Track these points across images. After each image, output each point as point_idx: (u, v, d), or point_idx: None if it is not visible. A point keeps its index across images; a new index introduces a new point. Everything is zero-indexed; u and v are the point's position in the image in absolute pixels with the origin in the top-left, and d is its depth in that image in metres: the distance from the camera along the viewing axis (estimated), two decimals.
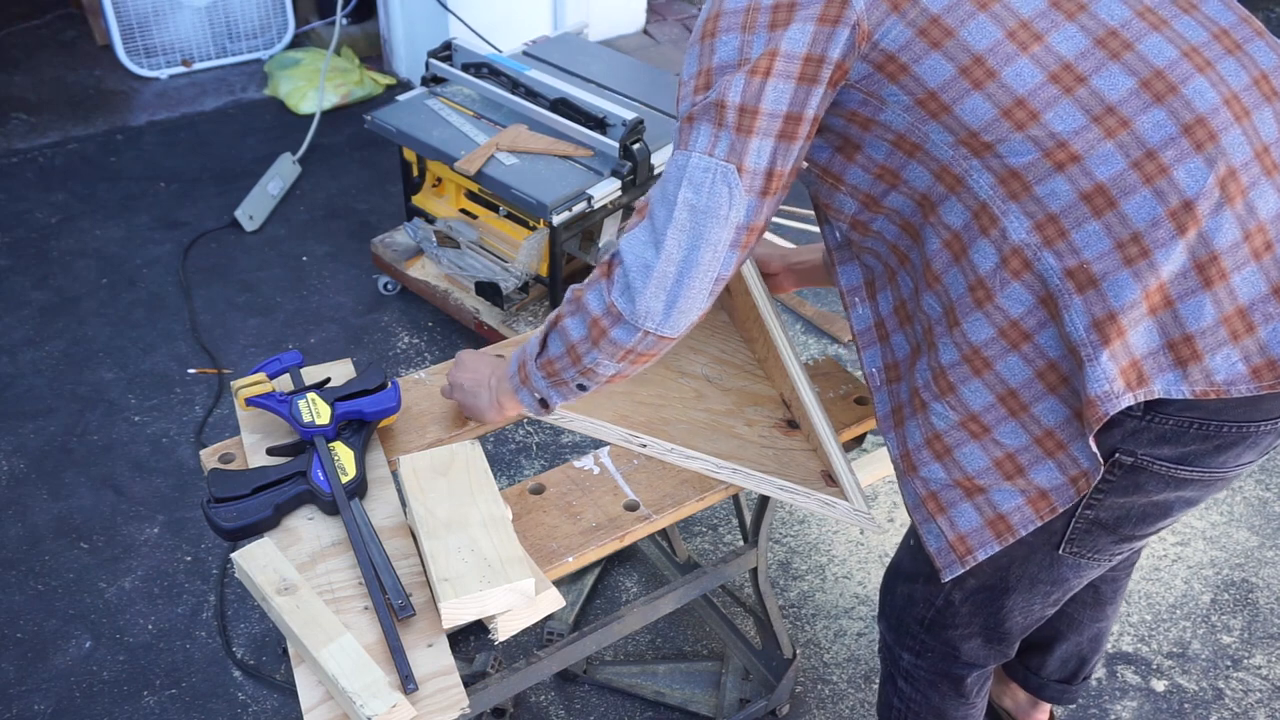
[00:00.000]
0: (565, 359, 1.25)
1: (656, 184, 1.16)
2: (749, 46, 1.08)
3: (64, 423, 2.60)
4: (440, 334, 2.92)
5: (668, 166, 1.15)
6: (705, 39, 1.12)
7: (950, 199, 1.15)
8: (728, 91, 1.09)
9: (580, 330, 1.21)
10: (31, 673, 2.05)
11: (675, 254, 1.13)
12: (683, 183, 1.12)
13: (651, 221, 1.14)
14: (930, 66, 1.08)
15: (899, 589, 1.52)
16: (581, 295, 1.21)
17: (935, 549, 1.29)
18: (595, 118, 2.56)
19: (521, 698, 2.04)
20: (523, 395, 1.34)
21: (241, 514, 1.32)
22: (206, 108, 3.91)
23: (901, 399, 1.31)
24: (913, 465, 1.29)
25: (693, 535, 2.40)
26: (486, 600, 1.22)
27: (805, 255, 1.68)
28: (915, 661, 1.55)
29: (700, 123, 1.11)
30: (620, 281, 1.15)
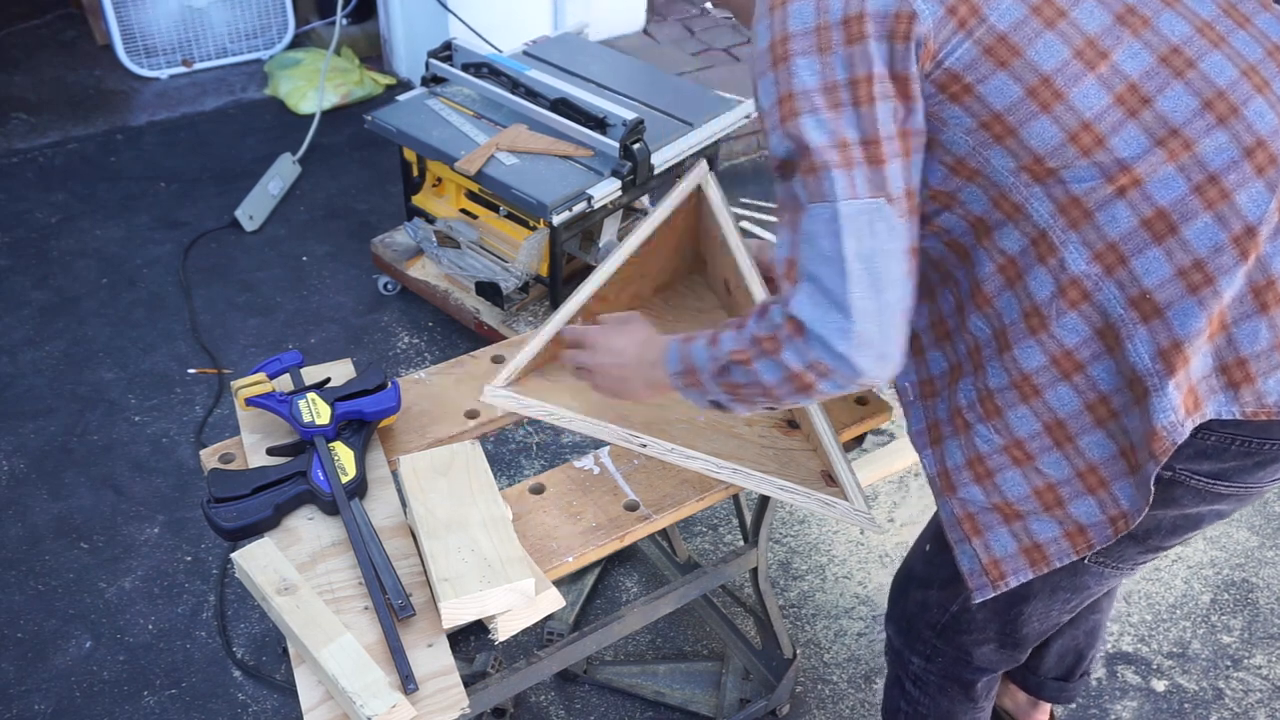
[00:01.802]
0: (753, 389, 1.19)
1: (801, 241, 1.08)
2: (831, 69, 1.04)
3: (64, 423, 2.60)
4: (440, 334, 2.92)
5: (809, 223, 1.07)
6: (779, 64, 1.06)
7: (1007, 225, 1.13)
8: (843, 128, 1.04)
9: (775, 377, 1.15)
10: (31, 673, 2.05)
11: (867, 308, 1.06)
12: (841, 235, 1.05)
13: (818, 284, 1.07)
14: (996, 87, 1.06)
15: (912, 594, 1.51)
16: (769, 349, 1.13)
17: (968, 569, 1.28)
18: (595, 118, 2.56)
19: (521, 698, 2.04)
20: (691, 395, 1.29)
21: (241, 514, 1.32)
22: (206, 108, 3.91)
23: (939, 416, 1.29)
24: (951, 485, 1.28)
25: (693, 535, 2.40)
26: (486, 600, 1.22)
27: None
28: (925, 666, 1.55)
29: (829, 169, 1.05)
30: (818, 346, 1.09)
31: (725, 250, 1.54)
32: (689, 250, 1.74)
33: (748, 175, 3.73)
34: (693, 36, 4.18)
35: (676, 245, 1.68)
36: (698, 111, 2.76)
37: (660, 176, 2.62)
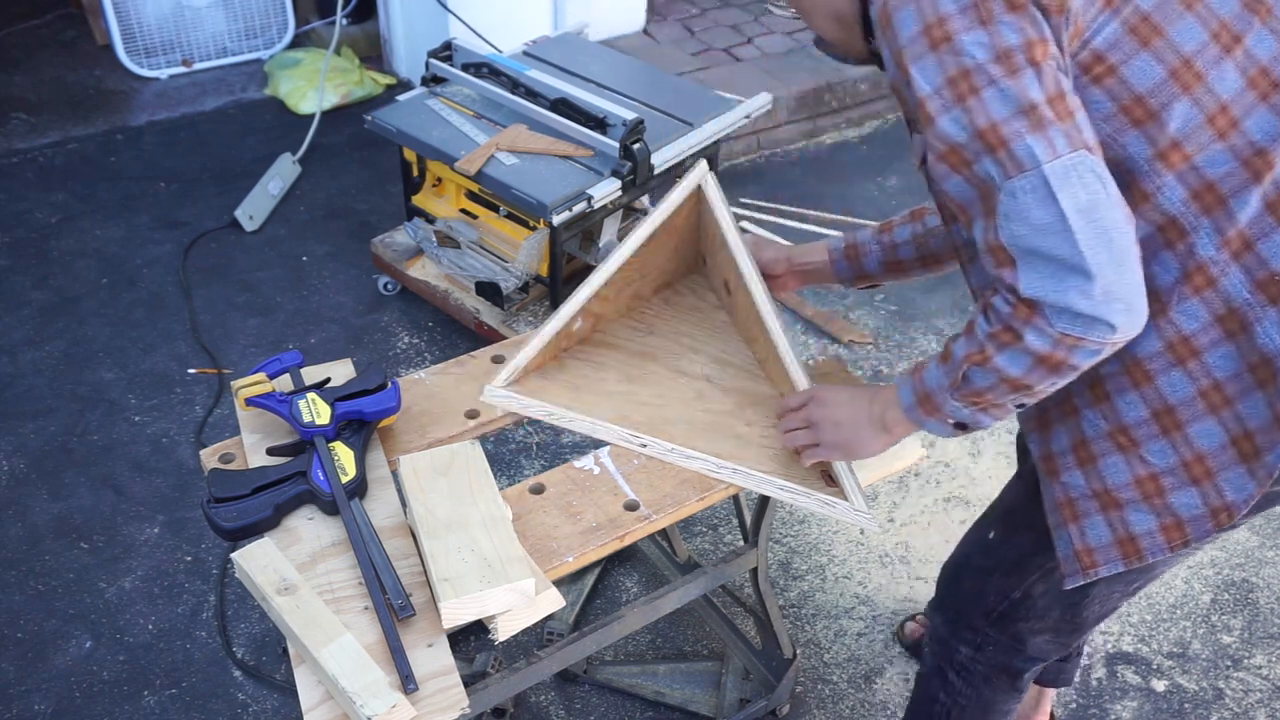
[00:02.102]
0: (1000, 389, 1.17)
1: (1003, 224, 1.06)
2: (1000, 37, 1.02)
3: (64, 423, 2.60)
4: (440, 334, 2.92)
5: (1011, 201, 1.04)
6: (940, 45, 1.04)
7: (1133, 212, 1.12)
8: (1027, 90, 1.02)
9: (1021, 367, 1.12)
10: (31, 673, 2.05)
11: (1102, 259, 1.02)
12: (1056, 197, 1.02)
13: (1041, 256, 1.04)
14: (1139, 68, 1.06)
15: (966, 581, 1.51)
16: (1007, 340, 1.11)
17: (1063, 554, 1.29)
18: (595, 118, 2.56)
19: (521, 698, 2.04)
20: (932, 424, 1.27)
21: (241, 514, 1.32)
22: (206, 108, 3.91)
23: (1047, 401, 1.28)
24: (1055, 469, 1.28)
25: (693, 535, 2.40)
26: (486, 600, 1.22)
27: (809, 255, 1.68)
28: (973, 655, 1.54)
29: (1021, 139, 1.03)
30: (1063, 317, 1.06)
31: (725, 250, 1.54)
32: (689, 250, 1.74)
33: (748, 175, 3.73)
34: (693, 36, 4.18)
35: (676, 245, 1.68)
36: (698, 111, 2.76)
37: (660, 176, 2.62)
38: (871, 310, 3.10)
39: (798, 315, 3.05)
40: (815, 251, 1.68)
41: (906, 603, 2.28)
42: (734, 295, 1.65)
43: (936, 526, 2.45)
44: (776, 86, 3.80)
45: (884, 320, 3.06)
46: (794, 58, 4.05)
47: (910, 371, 1.30)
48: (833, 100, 3.96)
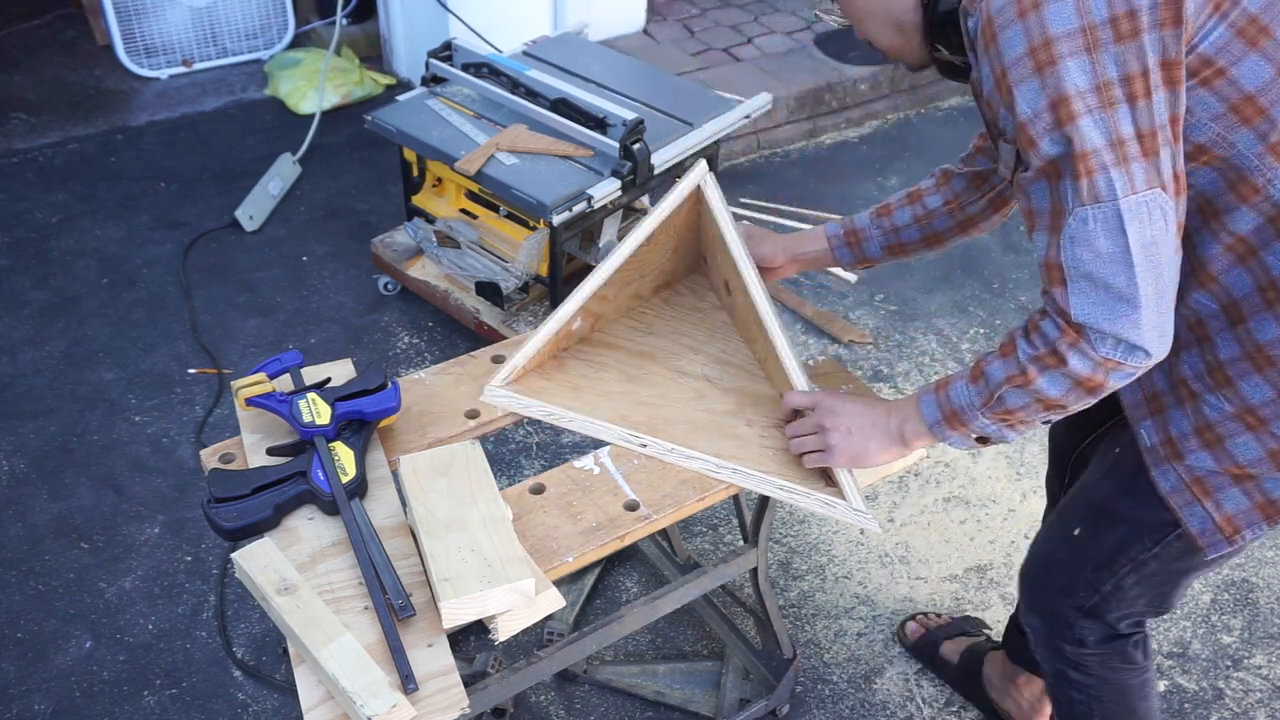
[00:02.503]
0: (1033, 408, 1.24)
1: (1066, 246, 1.13)
2: (1103, 67, 1.06)
3: (64, 423, 2.60)
4: (440, 334, 2.92)
5: (1081, 226, 1.11)
6: (1045, 69, 1.08)
7: (1241, 207, 1.17)
8: (1119, 125, 1.07)
9: (1061, 388, 1.20)
10: (31, 673, 2.05)
11: (1150, 290, 1.11)
12: (1126, 231, 1.09)
13: (1098, 283, 1.12)
14: (1249, 68, 1.10)
15: (1053, 580, 1.53)
16: (1052, 364, 1.18)
17: (1199, 530, 1.33)
18: (595, 118, 2.56)
19: (521, 698, 2.04)
20: (954, 438, 1.34)
21: (241, 514, 1.32)
22: (206, 108, 3.91)
23: (1157, 387, 1.34)
24: (1177, 453, 1.32)
25: (693, 535, 2.40)
26: (486, 600, 1.22)
27: (807, 244, 1.71)
28: (1079, 650, 1.56)
29: (1106, 171, 1.08)
30: (1107, 344, 1.14)
31: (725, 250, 1.54)
32: (689, 250, 1.74)
33: (748, 175, 3.73)
34: (693, 36, 4.18)
35: (676, 245, 1.68)
36: (698, 111, 2.76)
37: (660, 176, 2.62)
38: (871, 310, 3.10)
39: (798, 315, 3.05)
40: (813, 240, 1.71)
41: (906, 603, 2.28)
42: (734, 296, 1.65)
43: (936, 526, 2.45)
44: (776, 86, 3.80)
45: (884, 320, 3.06)
46: (794, 58, 4.05)
47: (933, 388, 1.34)
48: (833, 100, 3.96)
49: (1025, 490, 2.55)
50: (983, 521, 2.47)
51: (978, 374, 1.28)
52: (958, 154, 1.65)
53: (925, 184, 1.65)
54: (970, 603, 2.29)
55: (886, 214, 1.66)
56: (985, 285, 3.23)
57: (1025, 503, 2.52)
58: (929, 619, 2.20)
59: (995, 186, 1.59)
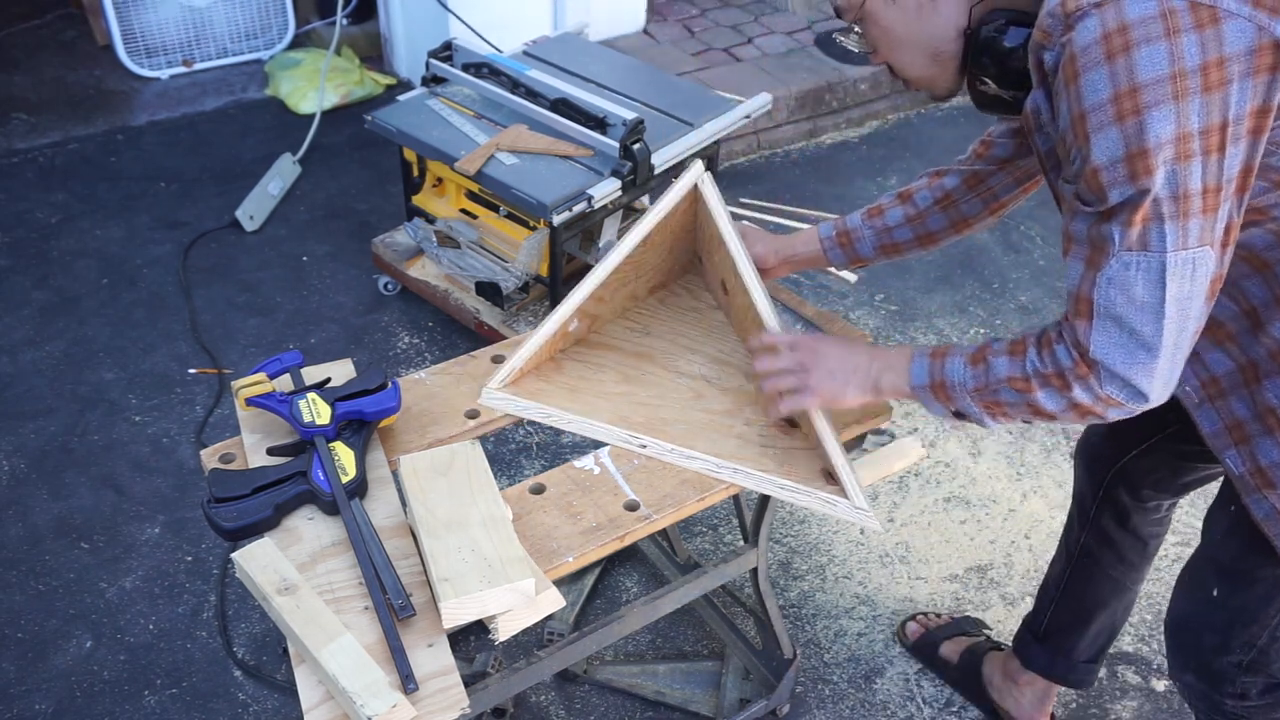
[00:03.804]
0: (1022, 410, 1.26)
1: (1101, 284, 1.13)
2: (1187, 118, 1.03)
3: (64, 423, 2.60)
4: (440, 334, 2.92)
5: (1121, 270, 1.11)
6: (1127, 118, 1.05)
7: None
8: (1189, 180, 1.06)
9: (1058, 406, 1.22)
10: (32, 672, 2.06)
11: (1171, 343, 1.13)
12: (1165, 284, 1.10)
13: (1124, 327, 1.13)
14: None
15: (1205, 642, 1.51)
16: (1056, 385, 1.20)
17: None
18: (595, 118, 2.56)
19: (521, 698, 2.04)
20: (932, 405, 1.35)
21: (242, 514, 1.32)
22: (207, 108, 3.91)
23: (1239, 416, 1.32)
24: (1269, 482, 1.31)
25: (693, 535, 2.40)
26: (486, 600, 1.22)
27: (799, 246, 1.71)
28: (1240, 703, 1.54)
29: (1162, 223, 1.08)
30: (1115, 384, 1.16)
31: (723, 250, 1.54)
32: (684, 250, 1.75)
33: (748, 175, 3.73)
34: (693, 36, 4.18)
35: (672, 245, 1.68)
36: (698, 111, 2.76)
37: (660, 176, 2.62)
38: (871, 310, 3.10)
39: (798, 315, 3.05)
40: (806, 241, 1.71)
41: (906, 603, 2.28)
42: (731, 295, 1.65)
43: (936, 526, 2.45)
44: (776, 86, 3.80)
45: (884, 320, 3.06)
46: (794, 58, 4.05)
47: (930, 354, 1.33)
48: (833, 100, 3.96)
49: (1025, 490, 2.55)
50: (983, 521, 2.47)
51: (980, 359, 1.28)
52: (957, 154, 1.65)
53: (916, 184, 1.65)
54: (970, 603, 2.29)
55: (878, 214, 1.66)
56: (985, 285, 3.23)
57: (1025, 503, 2.52)
58: (929, 619, 2.20)
59: (991, 188, 1.58)
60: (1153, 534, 1.78)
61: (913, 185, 1.65)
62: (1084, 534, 1.82)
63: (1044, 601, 1.91)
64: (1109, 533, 1.78)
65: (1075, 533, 1.84)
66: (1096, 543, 1.81)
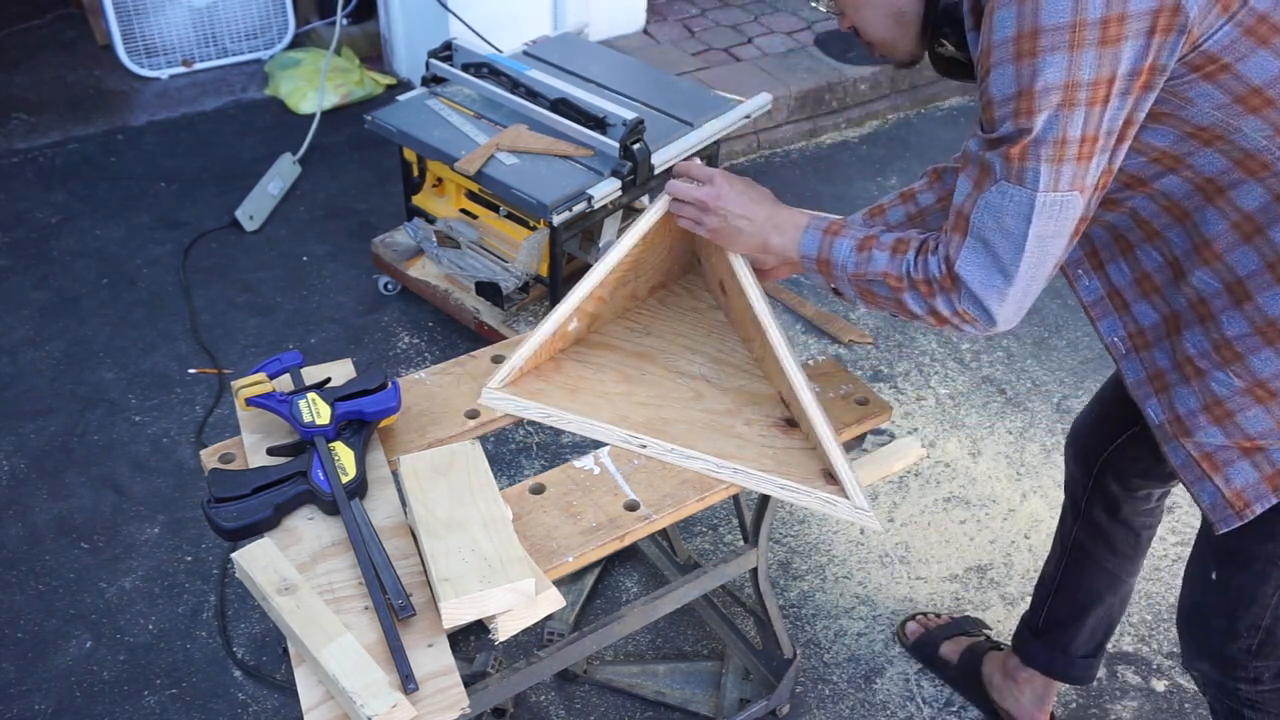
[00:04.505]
0: (891, 304, 1.33)
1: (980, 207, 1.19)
2: (1078, 67, 1.08)
3: (64, 423, 2.60)
4: (440, 334, 2.92)
5: (998, 198, 1.17)
6: (1023, 58, 1.09)
7: (1247, 183, 1.19)
8: (1069, 127, 1.10)
9: (920, 308, 1.29)
10: (32, 672, 2.06)
11: (1027, 275, 1.19)
12: (1031, 220, 1.15)
13: (990, 251, 1.19)
14: (1256, 64, 1.11)
15: (1213, 627, 1.51)
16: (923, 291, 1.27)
17: (1209, 504, 1.35)
18: (595, 118, 2.56)
19: (521, 698, 2.04)
20: (814, 276, 1.42)
21: (242, 514, 1.32)
22: (207, 108, 3.91)
23: (1160, 365, 1.37)
24: (1186, 430, 1.34)
25: (693, 535, 2.40)
26: (486, 600, 1.22)
27: None
28: (1254, 688, 1.53)
29: (1038, 162, 1.13)
30: (970, 301, 1.23)
31: (720, 250, 1.54)
32: (683, 250, 1.75)
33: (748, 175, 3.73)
34: (693, 36, 4.18)
35: (670, 245, 1.68)
36: (698, 111, 2.76)
37: (660, 176, 2.63)
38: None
39: (798, 315, 3.05)
40: None
41: (906, 603, 2.28)
42: (729, 296, 1.65)
43: (936, 526, 2.45)
44: (776, 86, 3.80)
45: (884, 320, 3.06)
46: (794, 58, 4.05)
47: (823, 228, 1.40)
48: (833, 100, 3.96)
49: (1025, 490, 2.55)
50: (983, 521, 2.47)
51: (865, 248, 1.33)
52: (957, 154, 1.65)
53: (917, 184, 1.66)
54: (970, 603, 2.29)
55: (879, 214, 1.67)
56: None
57: (1025, 503, 2.52)
58: (929, 619, 2.20)
59: None
60: (1144, 525, 1.79)
61: (914, 185, 1.66)
62: (1076, 527, 1.83)
63: (1040, 597, 1.92)
64: (1101, 524, 1.79)
65: (1068, 526, 1.85)
66: (1089, 535, 1.82)
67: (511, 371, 1.56)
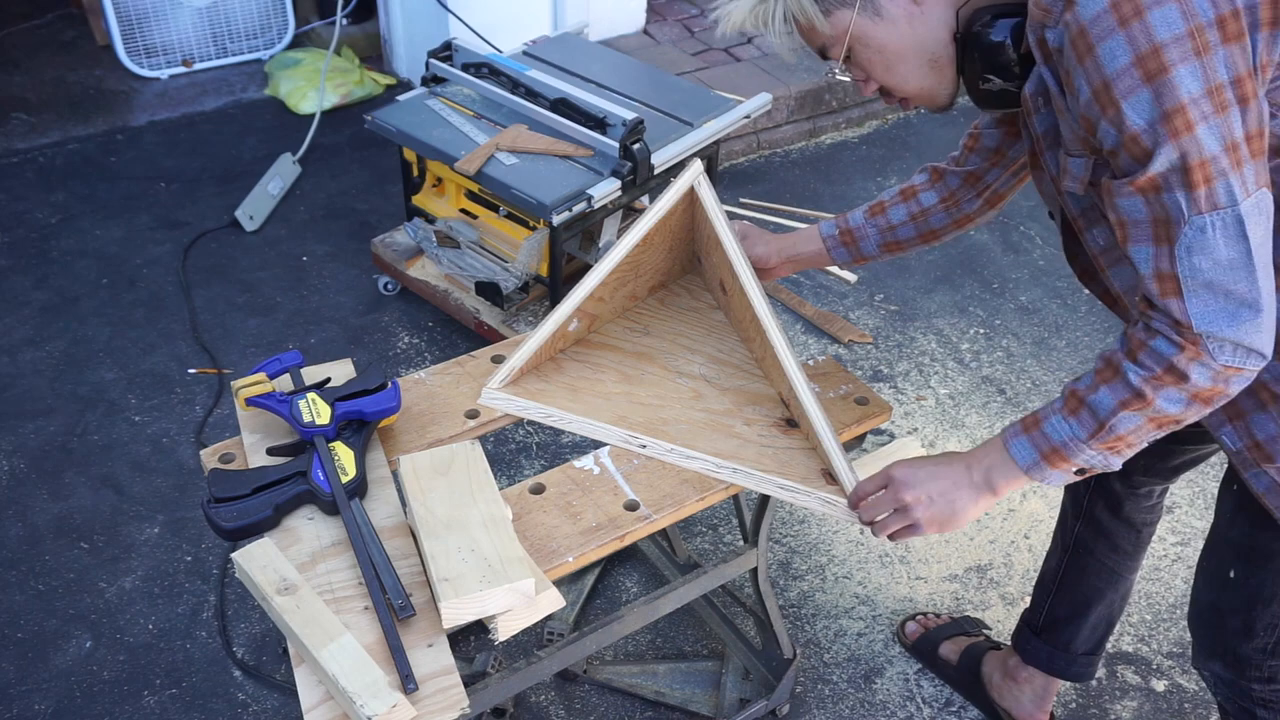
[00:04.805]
0: (1146, 428, 1.21)
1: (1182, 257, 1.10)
2: (1214, 70, 1.04)
3: (64, 423, 2.60)
4: (440, 334, 2.92)
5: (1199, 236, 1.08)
6: (1155, 77, 1.04)
7: None
8: (1233, 130, 1.05)
9: (1180, 405, 1.17)
10: (32, 672, 2.06)
11: (1266, 291, 1.11)
12: (1246, 236, 1.08)
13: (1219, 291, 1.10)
14: None
15: (1229, 624, 1.50)
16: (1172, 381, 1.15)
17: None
18: (595, 118, 2.56)
19: (521, 698, 2.04)
20: (1052, 477, 1.28)
21: (241, 514, 1.32)
22: (207, 108, 3.91)
23: None
24: (1267, 455, 1.30)
25: (693, 535, 2.40)
26: (486, 600, 1.22)
27: (801, 245, 1.71)
28: (1267, 688, 1.53)
29: (1224, 177, 1.06)
30: (1231, 351, 1.12)
31: (720, 251, 1.54)
32: (683, 250, 1.75)
33: (748, 175, 3.73)
34: (693, 36, 4.18)
35: (671, 245, 1.68)
36: (698, 111, 2.76)
37: (660, 176, 2.63)
38: (871, 310, 3.10)
39: (798, 315, 3.05)
40: (807, 240, 1.71)
41: (906, 603, 2.28)
42: (730, 296, 1.65)
43: None
44: (776, 86, 3.80)
45: (884, 320, 3.06)
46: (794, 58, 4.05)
47: (1021, 429, 1.28)
48: (833, 100, 3.96)
49: (1025, 490, 2.55)
50: (983, 521, 2.47)
51: (1076, 405, 1.23)
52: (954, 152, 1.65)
53: (918, 180, 1.65)
54: (970, 603, 2.29)
55: (880, 212, 1.66)
56: (985, 285, 3.23)
57: (1025, 503, 2.52)
58: (929, 619, 2.20)
59: (990, 184, 1.59)
60: (1145, 521, 1.79)
61: (915, 182, 1.65)
62: (1078, 524, 1.83)
63: (1041, 595, 1.92)
64: (1103, 522, 1.79)
65: (1069, 524, 1.85)
66: (1091, 533, 1.82)
67: (511, 371, 1.56)
